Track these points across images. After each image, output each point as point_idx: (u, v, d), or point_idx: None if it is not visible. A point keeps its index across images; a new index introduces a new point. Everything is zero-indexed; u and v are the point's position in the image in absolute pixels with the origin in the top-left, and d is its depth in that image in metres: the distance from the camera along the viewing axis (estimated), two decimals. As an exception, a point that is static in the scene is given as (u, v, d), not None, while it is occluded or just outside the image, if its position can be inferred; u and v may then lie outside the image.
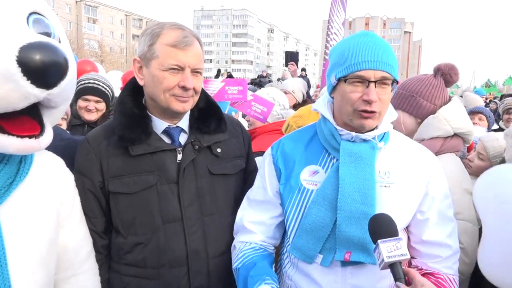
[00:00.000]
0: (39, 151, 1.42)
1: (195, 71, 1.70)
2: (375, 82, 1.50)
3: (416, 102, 2.22)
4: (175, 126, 1.80)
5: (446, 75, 2.25)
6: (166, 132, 1.79)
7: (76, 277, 1.63)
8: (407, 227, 1.69)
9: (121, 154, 1.73)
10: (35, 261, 1.40)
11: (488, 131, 4.01)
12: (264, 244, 1.78)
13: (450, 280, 1.64)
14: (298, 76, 9.39)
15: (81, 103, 3.41)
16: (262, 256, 1.72)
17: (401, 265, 1.31)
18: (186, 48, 1.65)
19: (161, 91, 1.67)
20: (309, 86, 9.64)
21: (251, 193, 1.82)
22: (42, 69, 1.19)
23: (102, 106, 3.44)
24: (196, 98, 1.78)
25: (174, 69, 1.64)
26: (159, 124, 1.77)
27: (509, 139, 2.14)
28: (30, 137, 1.32)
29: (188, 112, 1.84)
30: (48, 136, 1.39)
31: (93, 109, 3.40)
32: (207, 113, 1.87)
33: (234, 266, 1.74)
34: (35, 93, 1.22)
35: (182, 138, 1.82)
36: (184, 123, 1.83)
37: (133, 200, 1.72)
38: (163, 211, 1.73)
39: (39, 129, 1.35)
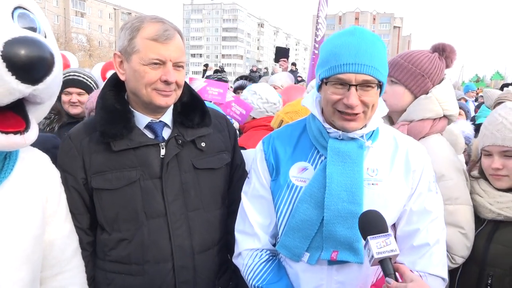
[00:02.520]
0: (24, 147, 1.41)
1: (177, 65, 1.68)
2: (356, 85, 1.47)
3: (424, 83, 2.10)
4: (158, 120, 1.78)
5: (448, 58, 2.16)
6: (149, 127, 1.77)
7: (63, 275, 1.60)
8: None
9: (103, 150, 1.71)
10: (20, 258, 1.38)
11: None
12: (270, 248, 1.76)
13: None
14: (289, 71, 9.36)
15: (64, 97, 3.30)
16: (279, 271, 1.69)
17: (391, 261, 1.31)
18: (167, 41, 1.62)
19: (143, 86, 1.65)
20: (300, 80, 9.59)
21: (249, 190, 1.78)
22: (27, 64, 1.18)
23: (85, 98, 3.29)
24: (179, 92, 1.75)
25: (155, 63, 1.62)
26: (142, 119, 1.75)
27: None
28: (15, 133, 1.30)
29: (171, 107, 1.82)
30: (33, 133, 1.38)
31: (76, 102, 3.29)
32: (190, 107, 1.85)
33: (253, 283, 1.70)
34: (20, 89, 1.20)
35: (166, 133, 1.80)
36: (167, 117, 1.80)
37: (116, 196, 1.71)
38: (147, 207, 1.71)
39: (24, 125, 1.34)
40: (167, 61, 1.63)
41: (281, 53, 9.27)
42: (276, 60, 9.09)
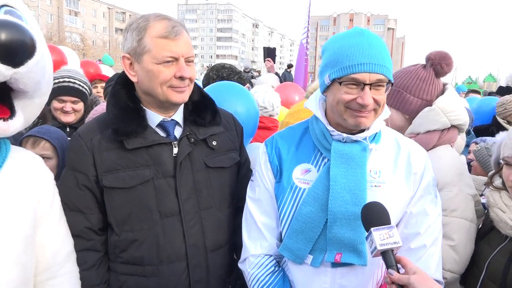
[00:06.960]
0: (8, 135, 1.41)
1: (188, 60, 1.68)
2: (370, 85, 1.48)
3: (402, 98, 2.09)
4: (169, 119, 1.78)
5: (436, 65, 2.10)
6: (160, 125, 1.76)
7: (53, 280, 1.57)
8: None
9: (115, 148, 1.70)
10: (10, 259, 1.37)
11: None
12: (276, 254, 1.73)
13: None
14: (283, 72, 9.43)
15: (56, 104, 3.04)
16: (284, 285, 1.67)
17: (393, 253, 1.32)
18: (177, 37, 1.62)
19: (158, 85, 1.64)
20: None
21: (255, 193, 1.75)
22: (7, 45, 1.19)
23: (80, 106, 3.11)
24: (192, 87, 1.76)
25: (168, 61, 1.62)
26: (154, 118, 1.75)
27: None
28: None
29: (182, 105, 1.82)
30: (18, 121, 1.38)
31: (70, 110, 3.05)
32: (201, 106, 1.85)
33: None
34: (1, 70, 1.21)
35: (177, 132, 1.80)
36: (178, 116, 1.80)
37: (129, 195, 1.69)
38: (161, 206, 1.71)
39: (9, 113, 1.34)
40: (179, 57, 1.63)
41: (268, 53, 9.37)
42: (265, 60, 9.19)
